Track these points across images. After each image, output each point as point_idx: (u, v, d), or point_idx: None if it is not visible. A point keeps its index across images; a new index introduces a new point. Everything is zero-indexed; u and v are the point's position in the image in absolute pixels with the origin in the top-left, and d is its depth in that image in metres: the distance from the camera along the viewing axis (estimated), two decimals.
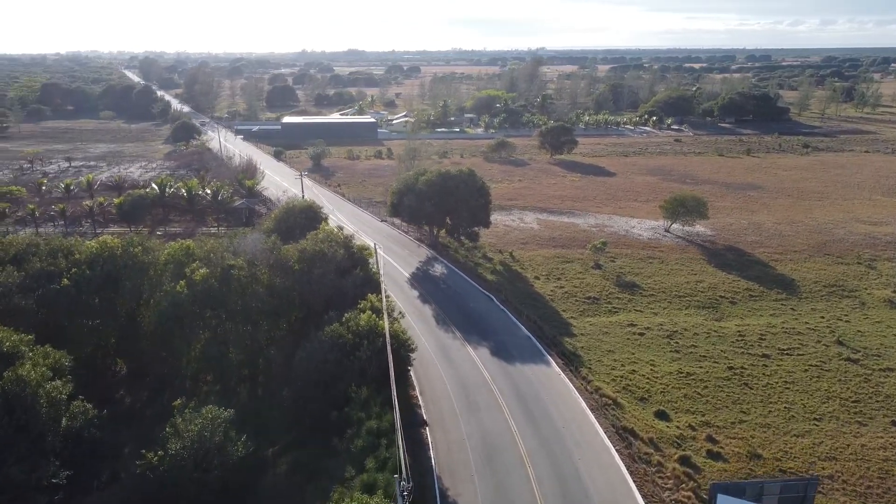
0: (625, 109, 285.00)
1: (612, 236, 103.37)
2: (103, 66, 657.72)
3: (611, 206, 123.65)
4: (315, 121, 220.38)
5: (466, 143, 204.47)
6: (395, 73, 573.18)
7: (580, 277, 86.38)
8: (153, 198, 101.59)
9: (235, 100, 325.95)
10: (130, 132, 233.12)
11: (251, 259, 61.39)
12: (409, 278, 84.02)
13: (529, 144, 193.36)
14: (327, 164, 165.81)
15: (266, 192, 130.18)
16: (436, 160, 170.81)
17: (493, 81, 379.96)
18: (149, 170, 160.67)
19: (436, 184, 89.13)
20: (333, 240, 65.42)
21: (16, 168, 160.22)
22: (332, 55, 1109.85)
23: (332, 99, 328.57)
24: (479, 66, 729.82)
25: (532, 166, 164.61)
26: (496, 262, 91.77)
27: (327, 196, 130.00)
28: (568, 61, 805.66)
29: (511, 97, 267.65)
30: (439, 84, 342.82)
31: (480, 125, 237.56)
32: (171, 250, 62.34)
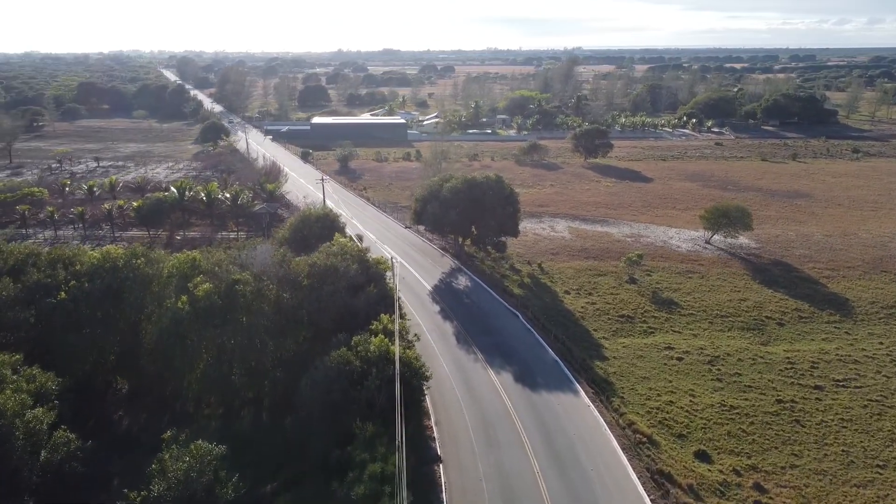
0: (663, 111, 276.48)
1: (648, 248, 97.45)
2: (142, 66, 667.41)
3: (647, 215, 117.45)
4: (344, 121, 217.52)
5: (498, 145, 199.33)
6: (428, 72, 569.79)
7: (613, 293, 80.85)
8: (172, 201, 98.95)
9: (268, 99, 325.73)
10: (161, 132, 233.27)
11: (259, 273, 57.51)
12: (430, 291, 79.48)
13: (563, 147, 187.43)
14: (354, 166, 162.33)
15: (289, 195, 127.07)
16: (465, 163, 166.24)
17: (528, 82, 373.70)
18: (175, 171, 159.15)
19: (461, 191, 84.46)
20: (348, 253, 61.21)
21: (44, 168, 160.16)
22: (368, 55, 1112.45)
23: (363, 99, 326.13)
24: (514, 66, 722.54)
25: (565, 170, 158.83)
26: (524, 275, 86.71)
27: (351, 200, 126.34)
28: (605, 61, 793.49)
29: (545, 98, 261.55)
30: (472, 84, 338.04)
31: (513, 126, 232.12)
32: (176, 262, 58.76)
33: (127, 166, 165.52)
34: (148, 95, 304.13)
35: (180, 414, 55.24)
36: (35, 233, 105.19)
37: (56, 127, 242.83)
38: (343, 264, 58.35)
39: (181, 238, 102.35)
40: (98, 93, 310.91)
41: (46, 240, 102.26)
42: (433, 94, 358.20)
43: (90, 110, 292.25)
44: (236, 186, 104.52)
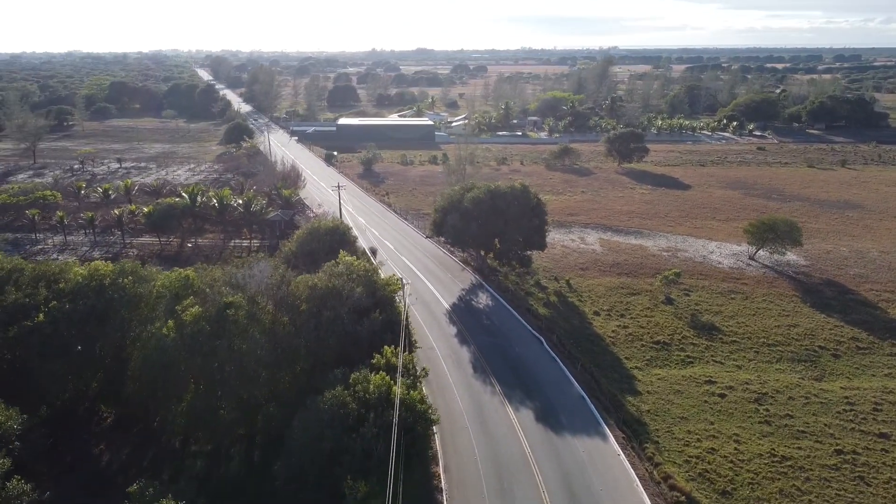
0: (701, 113, 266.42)
1: (686, 263, 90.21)
2: (177, 65, 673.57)
3: (685, 226, 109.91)
4: (371, 122, 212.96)
5: (528, 148, 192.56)
6: (460, 72, 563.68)
7: (648, 315, 74.05)
8: (183, 208, 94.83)
9: (298, 99, 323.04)
10: (188, 132, 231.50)
11: (255, 294, 52.33)
12: (448, 310, 73.63)
13: (595, 151, 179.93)
14: (378, 170, 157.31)
15: (308, 200, 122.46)
16: (493, 167, 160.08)
17: (561, 82, 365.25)
18: (196, 173, 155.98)
19: (483, 202, 78.45)
20: (354, 272, 55.69)
21: (66, 169, 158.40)
22: (401, 54, 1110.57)
23: (393, 99, 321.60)
24: (548, 66, 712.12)
25: (597, 176, 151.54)
26: (550, 292, 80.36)
27: (372, 207, 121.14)
28: (641, 60, 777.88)
29: (578, 99, 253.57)
30: (504, 84, 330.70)
31: (544, 129, 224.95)
32: (166, 280, 53.90)
33: (149, 168, 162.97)
34: (178, 95, 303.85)
35: (166, 449, 50.43)
36: (45, 238, 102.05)
37: (85, 126, 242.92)
38: (347, 286, 52.84)
39: (193, 245, 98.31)
40: (129, 92, 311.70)
41: (56, 245, 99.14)
42: (464, 94, 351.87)
43: (121, 110, 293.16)
44: (250, 192, 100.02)
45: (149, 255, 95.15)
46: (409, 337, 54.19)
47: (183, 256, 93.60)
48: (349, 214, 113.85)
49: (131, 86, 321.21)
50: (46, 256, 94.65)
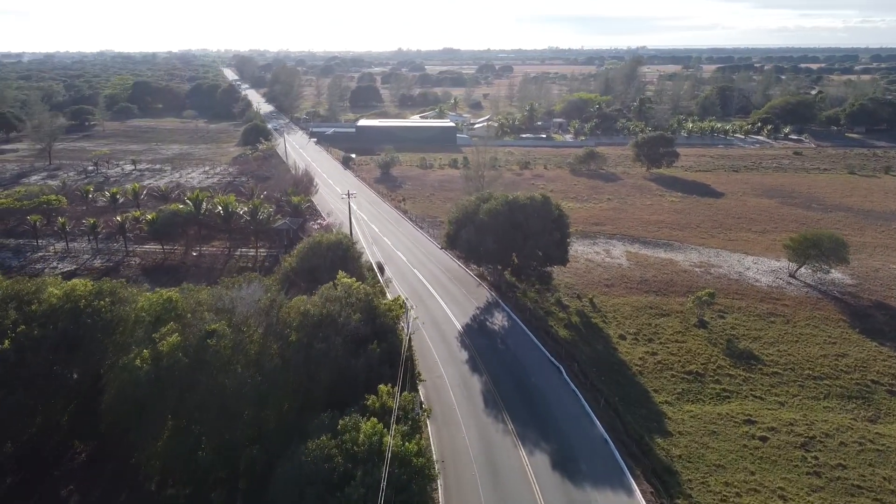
0: (734, 116, 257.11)
1: (720, 281, 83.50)
2: (203, 65, 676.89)
3: (719, 238, 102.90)
4: (391, 124, 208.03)
5: (552, 151, 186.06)
6: (485, 72, 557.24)
7: (679, 340, 67.73)
8: (187, 215, 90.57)
9: (321, 99, 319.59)
10: (208, 133, 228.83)
11: (243, 320, 47.31)
12: (461, 331, 68.02)
13: (623, 155, 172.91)
14: (396, 174, 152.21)
15: (321, 206, 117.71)
16: (515, 172, 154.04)
17: (588, 82, 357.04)
18: (210, 175, 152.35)
19: (500, 214, 72.67)
20: (353, 296, 50.39)
21: (80, 170, 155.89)
22: (427, 54, 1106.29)
23: (416, 100, 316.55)
24: (575, 66, 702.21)
25: (625, 182, 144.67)
26: (572, 312, 74.36)
27: (386, 214, 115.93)
28: (670, 60, 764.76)
29: (605, 100, 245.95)
30: (529, 84, 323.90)
31: (569, 131, 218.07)
32: (146, 304, 49.13)
33: (163, 170, 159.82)
34: (200, 95, 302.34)
35: (141, 491, 45.64)
36: (48, 244, 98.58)
37: (106, 127, 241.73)
38: (344, 313, 47.55)
39: (197, 254, 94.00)
40: (152, 92, 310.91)
41: (57, 253, 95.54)
42: (488, 94, 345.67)
43: (143, 109, 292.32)
44: (256, 200, 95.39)
45: (151, 265, 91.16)
46: (412, 371, 48.74)
47: (186, 266, 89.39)
48: (362, 222, 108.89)
49: (154, 86, 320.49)
50: (46, 265, 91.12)
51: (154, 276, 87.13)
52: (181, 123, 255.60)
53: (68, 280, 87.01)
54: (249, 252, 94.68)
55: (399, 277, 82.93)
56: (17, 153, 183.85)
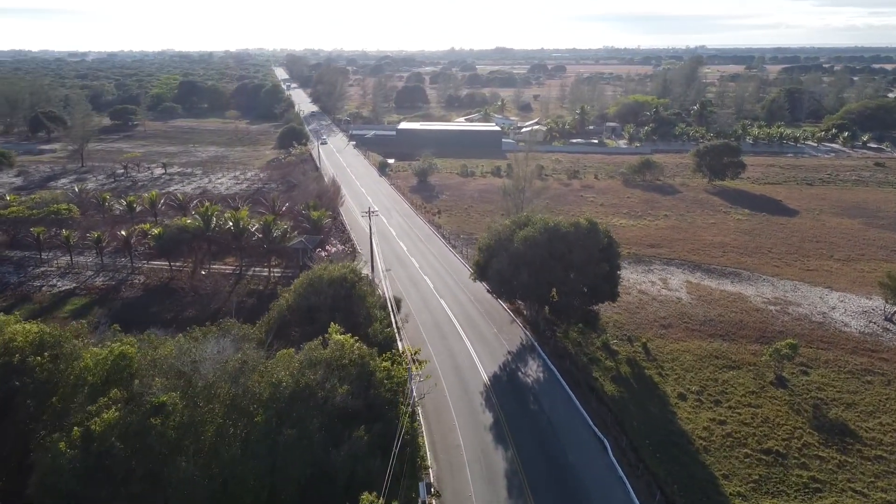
0: (804, 121, 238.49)
1: (800, 324, 70.61)
2: (255, 64, 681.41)
3: (795, 267, 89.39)
4: (432, 127, 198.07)
5: (604, 158, 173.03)
6: (537, 72, 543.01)
7: (753, 403, 55.64)
8: (194, 231, 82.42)
9: (367, 100, 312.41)
10: (248, 134, 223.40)
11: (204, 389, 37.85)
12: (487, 384, 57.38)
13: (682, 164, 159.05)
14: (434, 182, 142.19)
15: (347, 219, 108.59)
16: (562, 182, 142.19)
17: (644, 84, 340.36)
18: (239, 181, 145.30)
19: (538, 244, 61.68)
20: (346, 356, 40.38)
21: (109, 174, 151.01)
22: (480, 53, 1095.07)
23: (463, 101, 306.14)
24: (631, 66, 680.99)
25: (684, 195, 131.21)
26: (621, 360, 62.91)
27: (418, 228, 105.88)
28: (731, 61, 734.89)
29: (663, 103, 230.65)
30: (582, 85, 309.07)
31: (623, 136, 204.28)
32: (94, 362, 40.15)
33: (194, 174, 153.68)
34: (245, 95, 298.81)
35: None
36: (52, 258, 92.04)
37: (148, 127, 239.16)
38: (328, 383, 37.57)
39: (207, 273, 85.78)
40: (198, 92, 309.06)
41: (60, 268, 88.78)
42: (539, 96, 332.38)
43: (189, 109, 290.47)
44: (269, 216, 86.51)
45: (156, 283, 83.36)
46: (412, 461, 38.30)
47: (192, 287, 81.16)
48: (390, 237, 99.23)
49: (200, 85, 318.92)
50: (45, 281, 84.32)
51: (157, 296, 79.24)
52: (223, 124, 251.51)
53: (66, 298, 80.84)
54: (263, 272, 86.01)
55: (421, 308, 72.77)
56: (53, 153, 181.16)
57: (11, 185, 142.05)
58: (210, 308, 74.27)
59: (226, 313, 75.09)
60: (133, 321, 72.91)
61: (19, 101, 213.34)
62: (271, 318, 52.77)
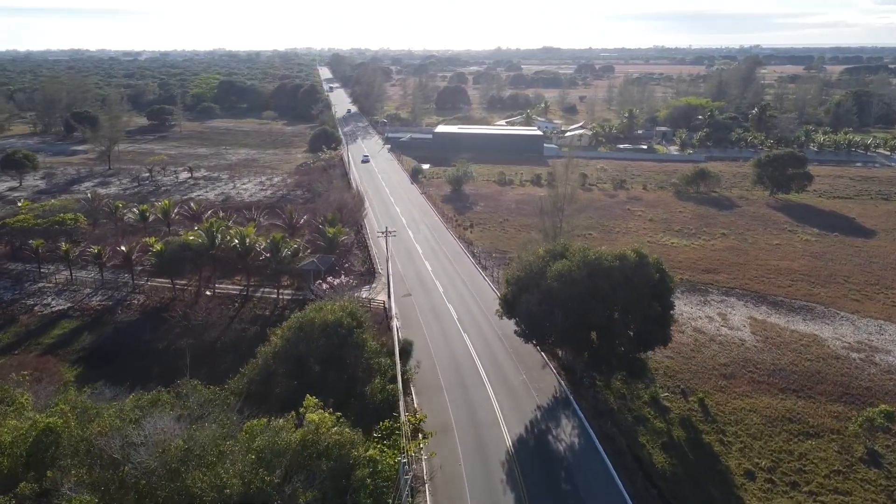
0: (872, 126, 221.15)
1: (892, 378, 59.12)
2: (300, 63, 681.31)
3: (878, 301, 77.29)
4: (470, 131, 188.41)
5: (654, 166, 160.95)
6: (584, 72, 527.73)
7: (839, 488, 44.94)
8: (197, 248, 75.00)
9: (408, 100, 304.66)
10: (282, 136, 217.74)
11: (132, 485, 29.48)
12: (510, 450, 47.83)
13: (739, 174, 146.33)
14: (469, 191, 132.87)
15: (370, 234, 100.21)
16: (607, 193, 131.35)
17: (697, 85, 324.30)
18: (265, 187, 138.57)
19: (576, 281, 51.85)
20: (322, 442, 31.51)
21: (133, 178, 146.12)
22: (526, 53, 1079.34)
23: (505, 102, 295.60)
24: (682, 66, 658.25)
25: (743, 210, 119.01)
26: (674, 420, 52.73)
27: (447, 245, 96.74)
28: (788, 61, 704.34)
29: (718, 106, 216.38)
30: (631, 87, 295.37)
31: (675, 142, 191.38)
32: (11, 437, 32.26)
33: (220, 179, 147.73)
34: (284, 95, 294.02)
35: None
36: (53, 272, 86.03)
37: (184, 127, 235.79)
38: (288, 487, 28.76)
39: (212, 294, 78.41)
40: (237, 91, 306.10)
41: (58, 284, 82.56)
42: (585, 97, 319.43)
43: (228, 109, 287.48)
44: (277, 234, 78.35)
45: (156, 305, 76.30)
46: None
47: (193, 310, 73.80)
48: (415, 255, 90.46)
49: (239, 85, 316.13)
50: (40, 300, 78.09)
51: (153, 320, 72.06)
52: (259, 125, 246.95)
53: (56, 321, 74.37)
54: (273, 294, 78.12)
55: (441, 347, 63.68)
56: (86, 155, 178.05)
57: (35, 188, 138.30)
58: (206, 338, 66.61)
59: (224, 344, 67.52)
60: (119, 352, 66.13)
61: (56, 100, 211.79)
62: (252, 371, 44.30)
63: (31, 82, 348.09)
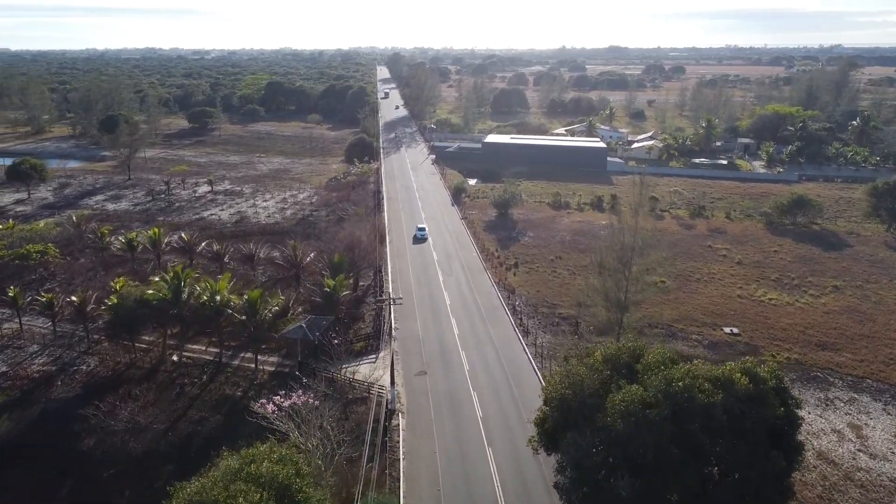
0: None
1: None
2: (359, 63, 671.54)
3: None
4: (524, 142, 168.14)
5: (737, 187, 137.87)
6: (652, 73, 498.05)
7: None
8: (159, 305, 59.07)
9: (461, 103, 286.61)
10: (323, 142, 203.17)
11: None
12: None
13: (842, 198, 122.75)
14: (517, 216, 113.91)
15: (392, 277, 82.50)
16: (682, 222, 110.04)
17: (779, 88, 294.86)
18: (287, 205, 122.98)
19: (653, 425, 32.77)
20: None
21: (147, 191, 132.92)
22: (591, 52, 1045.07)
23: (567, 106, 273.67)
24: (758, 67, 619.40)
25: (857, 251, 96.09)
26: None
27: (484, 293, 77.91)
28: (876, 62, 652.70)
29: (810, 115, 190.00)
30: (705, 90, 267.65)
31: (760, 157, 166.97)
32: None
33: (242, 193, 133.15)
34: (332, 97, 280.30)
35: None
36: (5, 316, 71.71)
37: (225, 130, 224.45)
38: None
39: (178, 360, 62.37)
40: (285, 93, 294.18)
41: (3, 338, 68.06)
42: (654, 101, 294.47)
43: (275, 111, 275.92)
44: (255, 290, 61.03)
45: (106, 375, 60.78)
46: None
47: (150, 384, 57.99)
48: (442, 311, 72.18)
49: (286, 86, 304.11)
50: None
51: (100, 394, 56.40)
52: (302, 128, 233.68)
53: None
54: (251, 364, 61.44)
55: (457, 476, 45.23)
56: (111, 162, 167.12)
57: (43, 201, 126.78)
58: (128, 448, 49.72)
59: (170, 445, 50.99)
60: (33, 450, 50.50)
61: (93, 101, 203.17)
62: None
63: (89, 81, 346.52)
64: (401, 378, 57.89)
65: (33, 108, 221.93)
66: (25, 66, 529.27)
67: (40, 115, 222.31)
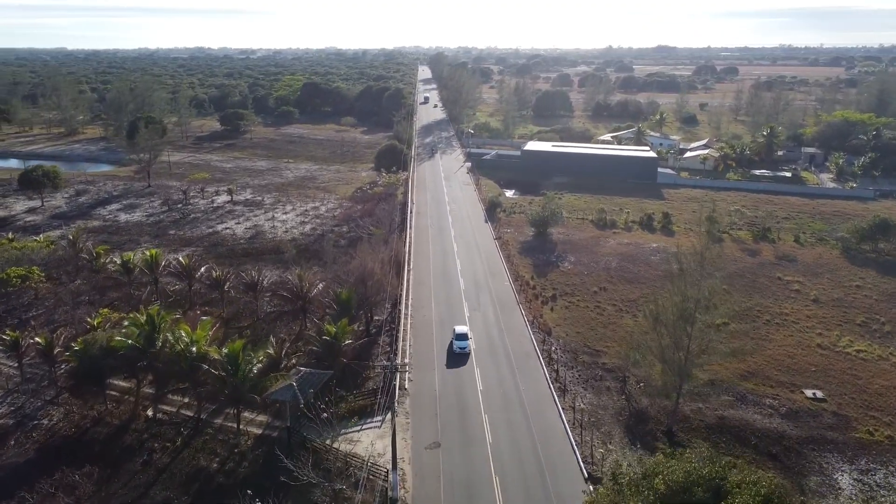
0: None
1: None
2: (400, 63, 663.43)
3: None
4: (566, 150, 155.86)
5: (805, 204, 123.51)
6: (703, 74, 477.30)
7: None
8: (127, 353, 50.19)
9: (502, 106, 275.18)
10: (355, 147, 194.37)
11: None
12: None
13: None
14: (557, 235, 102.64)
15: (415, 316, 72.17)
16: (743, 247, 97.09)
17: (843, 91, 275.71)
18: (308, 218, 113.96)
19: None
20: None
21: (163, 200, 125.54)
22: (639, 52, 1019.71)
23: (613, 109, 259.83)
24: (816, 68, 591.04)
25: None
26: None
27: (515, 335, 67.10)
28: None
29: (884, 122, 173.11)
30: (762, 92, 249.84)
31: (829, 169, 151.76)
32: None
33: (262, 204, 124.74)
34: (368, 98, 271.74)
35: None
36: None
37: (257, 133, 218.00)
38: None
39: (153, 417, 53.35)
40: (321, 94, 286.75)
41: None
42: (706, 104, 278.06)
43: (311, 113, 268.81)
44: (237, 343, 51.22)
45: (69, 433, 52.05)
46: None
47: (117, 445, 49.15)
48: (468, 360, 61.72)
49: (323, 87, 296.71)
50: None
51: (49, 466, 47.68)
52: (336, 132, 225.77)
53: None
54: (232, 423, 51.97)
55: None
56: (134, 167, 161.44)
57: (56, 209, 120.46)
58: None
59: None
60: None
61: (124, 102, 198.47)
62: None
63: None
64: (408, 451, 47.79)
65: (66, 109, 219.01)
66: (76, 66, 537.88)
67: (74, 115, 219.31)
